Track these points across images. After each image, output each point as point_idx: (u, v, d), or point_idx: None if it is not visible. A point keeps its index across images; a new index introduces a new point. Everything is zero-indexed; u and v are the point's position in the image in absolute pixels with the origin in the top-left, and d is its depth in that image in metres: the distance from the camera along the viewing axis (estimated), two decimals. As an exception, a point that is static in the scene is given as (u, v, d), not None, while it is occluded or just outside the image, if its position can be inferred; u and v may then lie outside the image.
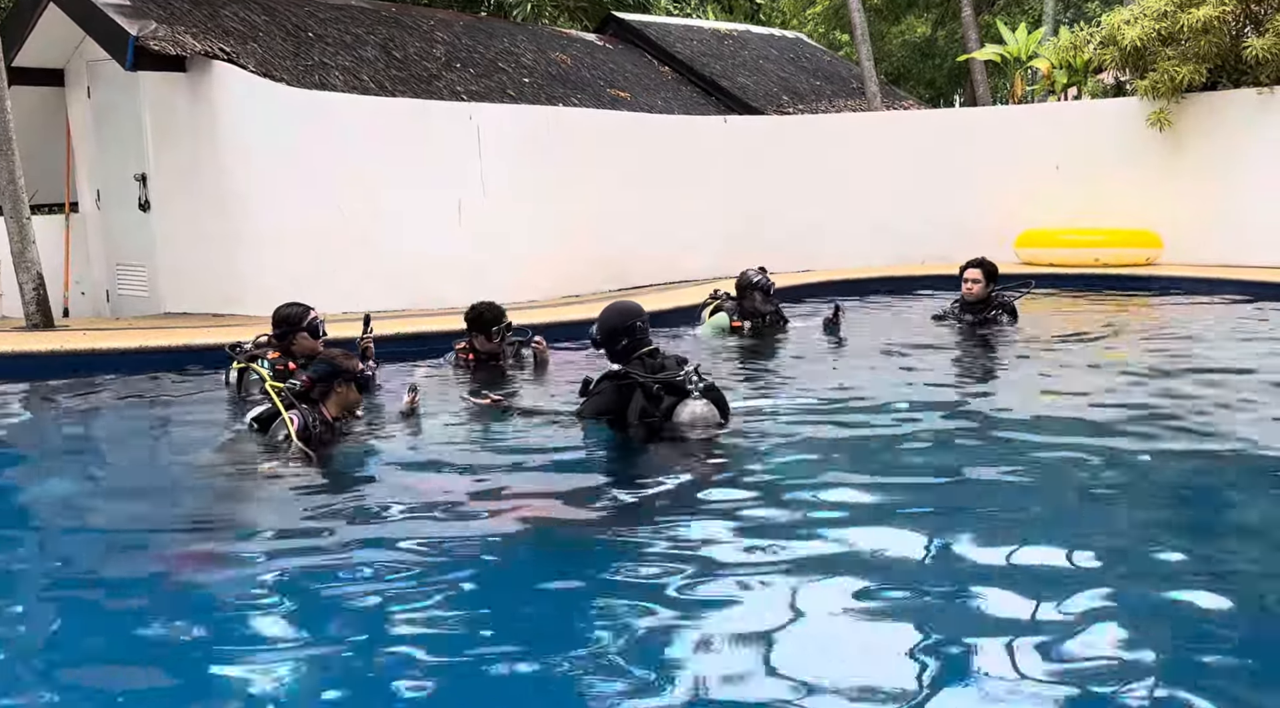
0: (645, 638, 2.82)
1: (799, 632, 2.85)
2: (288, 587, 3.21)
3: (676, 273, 11.31)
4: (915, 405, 5.45)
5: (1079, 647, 2.69)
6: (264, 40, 9.87)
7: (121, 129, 9.79)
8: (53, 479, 4.73)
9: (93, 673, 2.74)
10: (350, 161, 9.27)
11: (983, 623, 2.88)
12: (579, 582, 3.30)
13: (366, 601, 3.10)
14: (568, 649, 2.76)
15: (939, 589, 3.11)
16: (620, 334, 4.94)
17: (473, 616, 3.04)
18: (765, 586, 3.13)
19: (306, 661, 2.75)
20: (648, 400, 4.70)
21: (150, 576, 3.43)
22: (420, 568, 3.35)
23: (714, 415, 4.71)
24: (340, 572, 3.31)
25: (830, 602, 3.02)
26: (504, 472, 4.48)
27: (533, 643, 2.83)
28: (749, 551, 3.44)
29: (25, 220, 8.27)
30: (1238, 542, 3.61)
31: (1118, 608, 2.94)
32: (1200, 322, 8.52)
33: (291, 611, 3.07)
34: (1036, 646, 2.70)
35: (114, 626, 3.04)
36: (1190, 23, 10.82)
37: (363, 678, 2.65)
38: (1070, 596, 2.98)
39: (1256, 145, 10.85)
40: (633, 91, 13.09)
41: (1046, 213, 11.56)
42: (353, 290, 9.06)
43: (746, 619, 2.91)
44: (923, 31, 25.24)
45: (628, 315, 4.97)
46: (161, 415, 5.96)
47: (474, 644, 2.86)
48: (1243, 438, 4.72)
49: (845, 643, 2.83)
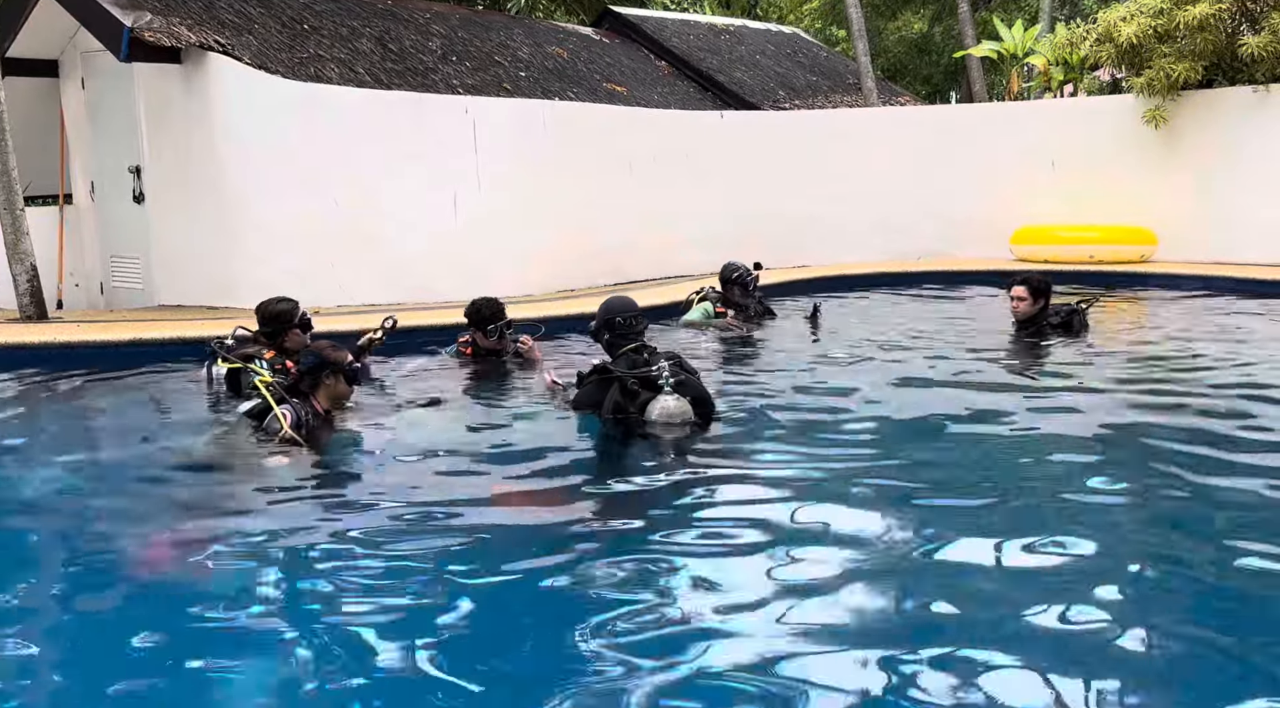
0: (634, 631, 2.82)
1: (783, 622, 2.85)
2: (276, 579, 3.21)
3: (672, 268, 11.31)
4: (890, 400, 5.46)
5: (1075, 637, 2.70)
6: (259, 32, 9.84)
7: (116, 121, 9.76)
8: (45, 471, 4.72)
9: (78, 666, 2.73)
10: (345, 155, 9.25)
11: (972, 612, 2.88)
12: (567, 575, 3.29)
13: (355, 593, 3.09)
14: (557, 642, 2.76)
15: (917, 573, 3.13)
16: (603, 329, 5.01)
17: (461, 611, 3.04)
18: (742, 576, 3.14)
19: (292, 653, 2.75)
20: (623, 395, 4.70)
21: (137, 568, 3.42)
22: (410, 560, 3.34)
23: (686, 411, 4.66)
24: (329, 563, 3.31)
25: (815, 593, 3.02)
26: (492, 464, 4.47)
27: (525, 639, 2.83)
28: (724, 541, 3.45)
29: (19, 212, 8.25)
30: (1233, 530, 3.61)
31: (1117, 605, 2.95)
32: (1193, 317, 8.54)
33: (279, 604, 3.07)
34: (1030, 634, 2.71)
35: (101, 618, 3.04)
36: (1186, 20, 10.83)
37: (349, 669, 2.65)
38: (1062, 585, 2.99)
39: (1252, 143, 10.87)
40: (629, 86, 13.07)
41: (1042, 209, 11.58)
42: (347, 283, 9.06)
43: (729, 609, 2.92)
44: (919, 27, 25.24)
45: (612, 310, 5.03)
46: (155, 408, 5.94)
47: (465, 641, 2.86)
48: (1232, 433, 4.73)
49: (835, 637, 2.83)
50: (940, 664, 2.60)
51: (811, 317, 7.91)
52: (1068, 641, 2.72)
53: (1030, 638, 2.73)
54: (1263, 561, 3.21)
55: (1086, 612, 2.86)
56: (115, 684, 2.61)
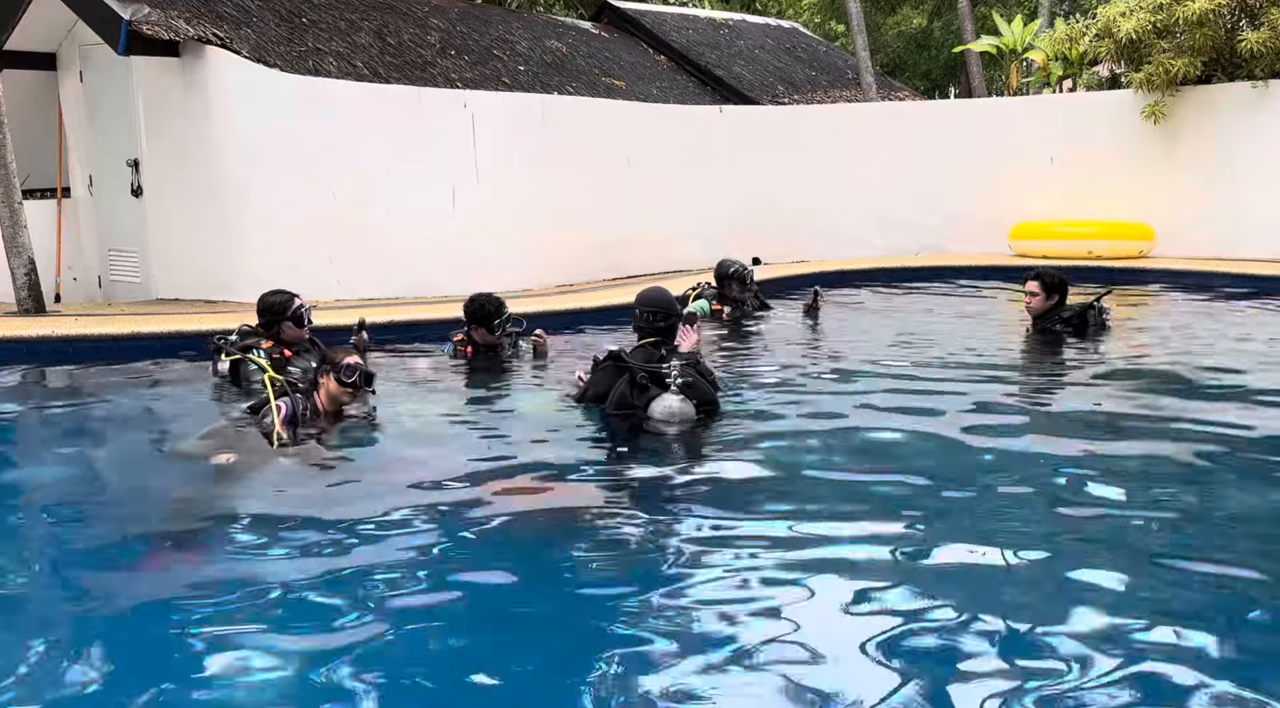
0: (634, 631, 2.82)
1: (781, 623, 2.86)
2: (274, 577, 3.20)
3: (671, 262, 11.31)
4: (890, 397, 5.46)
5: (1073, 640, 2.70)
6: (258, 25, 9.82)
7: (114, 114, 9.74)
8: (42, 465, 4.72)
9: (75, 662, 2.73)
10: (344, 148, 9.24)
11: (972, 614, 2.89)
12: (562, 572, 3.31)
13: (354, 590, 3.10)
14: (552, 639, 2.77)
15: (919, 577, 3.13)
16: (633, 318, 5.24)
17: (456, 610, 3.04)
18: (742, 576, 3.14)
19: (291, 652, 2.75)
20: (631, 388, 4.71)
21: (131, 564, 3.42)
22: (411, 557, 3.35)
23: (689, 413, 4.67)
24: (326, 560, 3.31)
25: (816, 595, 3.03)
26: (496, 461, 4.47)
27: (520, 636, 2.83)
28: (725, 540, 3.45)
29: (17, 205, 8.24)
30: (1231, 531, 3.62)
31: (1117, 603, 2.96)
32: (1192, 314, 8.54)
33: (277, 602, 3.06)
34: (1029, 636, 2.71)
35: (99, 615, 3.04)
36: (1186, 16, 10.83)
37: (349, 667, 2.65)
38: (1060, 584, 2.99)
39: (1250, 139, 10.86)
40: (628, 80, 13.06)
41: (1041, 205, 11.58)
42: (346, 278, 9.06)
43: (730, 609, 2.92)
44: (919, 22, 25.21)
45: (638, 302, 5.20)
46: (152, 402, 5.94)
47: (465, 640, 2.86)
48: (1232, 431, 4.73)
49: (835, 636, 2.83)
50: (940, 664, 2.61)
51: (810, 305, 7.87)
52: (1068, 642, 2.72)
53: (1031, 638, 2.74)
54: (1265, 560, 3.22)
55: (1086, 610, 2.87)
56: (115, 683, 2.61)
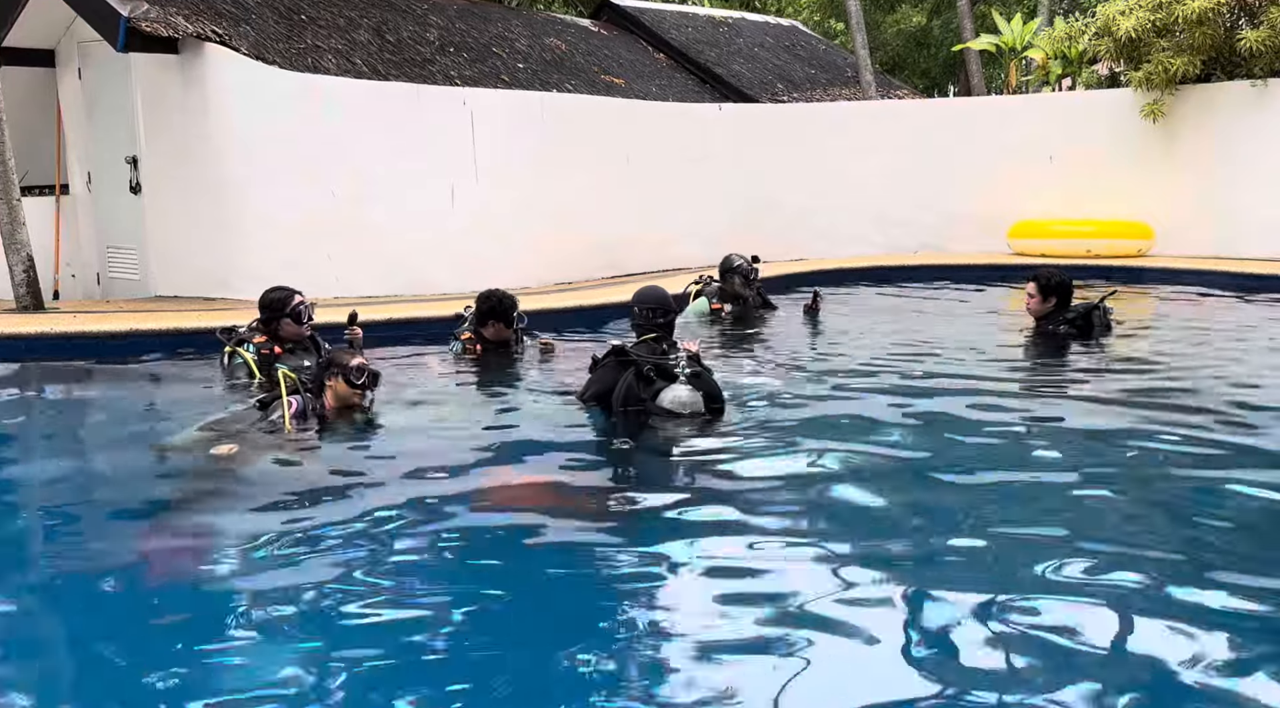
0: (635, 629, 2.82)
1: (784, 620, 2.86)
2: (276, 574, 3.21)
3: (670, 260, 11.31)
4: (890, 396, 5.46)
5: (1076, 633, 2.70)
6: (256, 22, 9.81)
7: (112, 111, 9.73)
8: (40, 461, 4.72)
9: (73, 658, 2.73)
10: (343, 146, 9.23)
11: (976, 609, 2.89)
12: (562, 570, 3.31)
13: (355, 588, 3.10)
14: (553, 636, 2.77)
15: (923, 567, 3.13)
16: (630, 316, 5.32)
17: (462, 608, 3.04)
18: (743, 575, 3.15)
19: (290, 650, 2.75)
20: (637, 381, 4.72)
21: (130, 561, 3.42)
22: (413, 555, 3.35)
23: (697, 402, 4.71)
24: (328, 557, 3.31)
25: (817, 594, 3.03)
26: (493, 461, 4.48)
27: (519, 635, 2.84)
28: (725, 541, 3.46)
29: (15, 202, 8.23)
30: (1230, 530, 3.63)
31: (1116, 602, 2.96)
32: (1191, 312, 8.54)
33: (279, 599, 3.06)
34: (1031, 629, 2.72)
35: (98, 613, 3.04)
36: (1185, 14, 10.82)
37: (348, 665, 2.65)
38: (1059, 573, 2.99)
39: (1249, 138, 10.86)
40: (627, 78, 13.05)
41: (1040, 203, 11.58)
42: (344, 275, 9.05)
43: (730, 608, 2.93)
44: (918, 20, 25.19)
45: (636, 300, 5.27)
46: (151, 398, 5.94)
47: (465, 638, 2.86)
48: (1232, 432, 4.73)
49: (837, 636, 2.84)
50: (940, 664, 2.61)
51: (811, 306, 7.88)
52: (1069, 640, 2.72)
53: (1034, 640, 2.74)
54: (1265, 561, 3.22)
55: (1089, 610, 2.88)
56: (113, 681, 2.61)
